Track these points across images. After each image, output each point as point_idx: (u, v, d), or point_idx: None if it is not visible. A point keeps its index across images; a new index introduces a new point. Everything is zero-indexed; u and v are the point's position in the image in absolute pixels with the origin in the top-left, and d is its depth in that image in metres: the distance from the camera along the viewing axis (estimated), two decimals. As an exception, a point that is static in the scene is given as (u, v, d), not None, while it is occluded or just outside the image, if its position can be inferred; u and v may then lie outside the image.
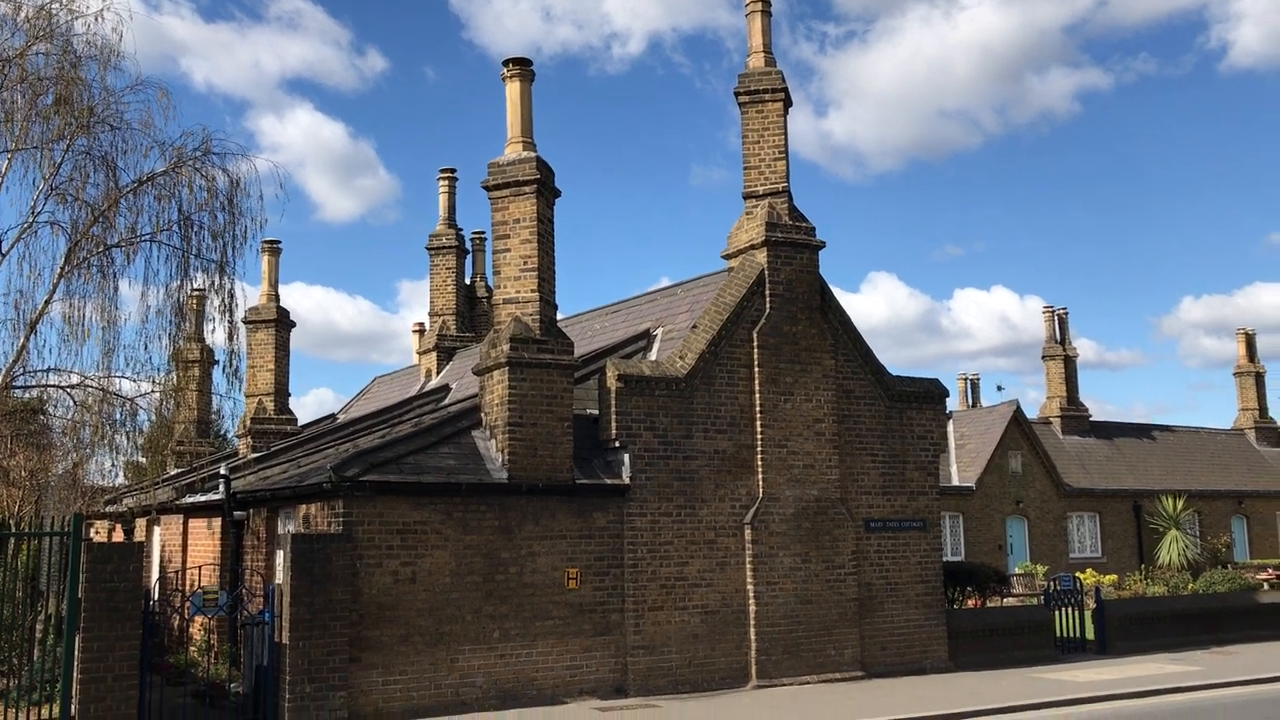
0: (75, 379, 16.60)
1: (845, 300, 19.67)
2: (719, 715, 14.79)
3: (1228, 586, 27.43)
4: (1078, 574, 26.74)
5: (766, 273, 18.26)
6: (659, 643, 16.62)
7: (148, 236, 16.93)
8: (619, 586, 16.46)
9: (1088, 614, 22.48)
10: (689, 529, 17.12)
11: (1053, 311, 43.25)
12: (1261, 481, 43.59)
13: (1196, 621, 23.18)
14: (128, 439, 17.50)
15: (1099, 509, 39.05)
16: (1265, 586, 30.57)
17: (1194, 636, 22.61)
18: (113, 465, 18.41)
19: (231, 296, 17.45)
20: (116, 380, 16.76)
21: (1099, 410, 55.27)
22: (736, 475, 17.64)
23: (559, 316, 17.83)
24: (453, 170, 30.01)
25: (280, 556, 14.44)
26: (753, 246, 18.54)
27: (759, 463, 17.77)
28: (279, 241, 25.01)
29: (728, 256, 19.26)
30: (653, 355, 19.48)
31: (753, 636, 17.29)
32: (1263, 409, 47.15)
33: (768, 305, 18.19)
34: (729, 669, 17.12)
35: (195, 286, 18.18)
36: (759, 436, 17.80)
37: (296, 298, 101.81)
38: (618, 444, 16.81)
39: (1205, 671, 18.67)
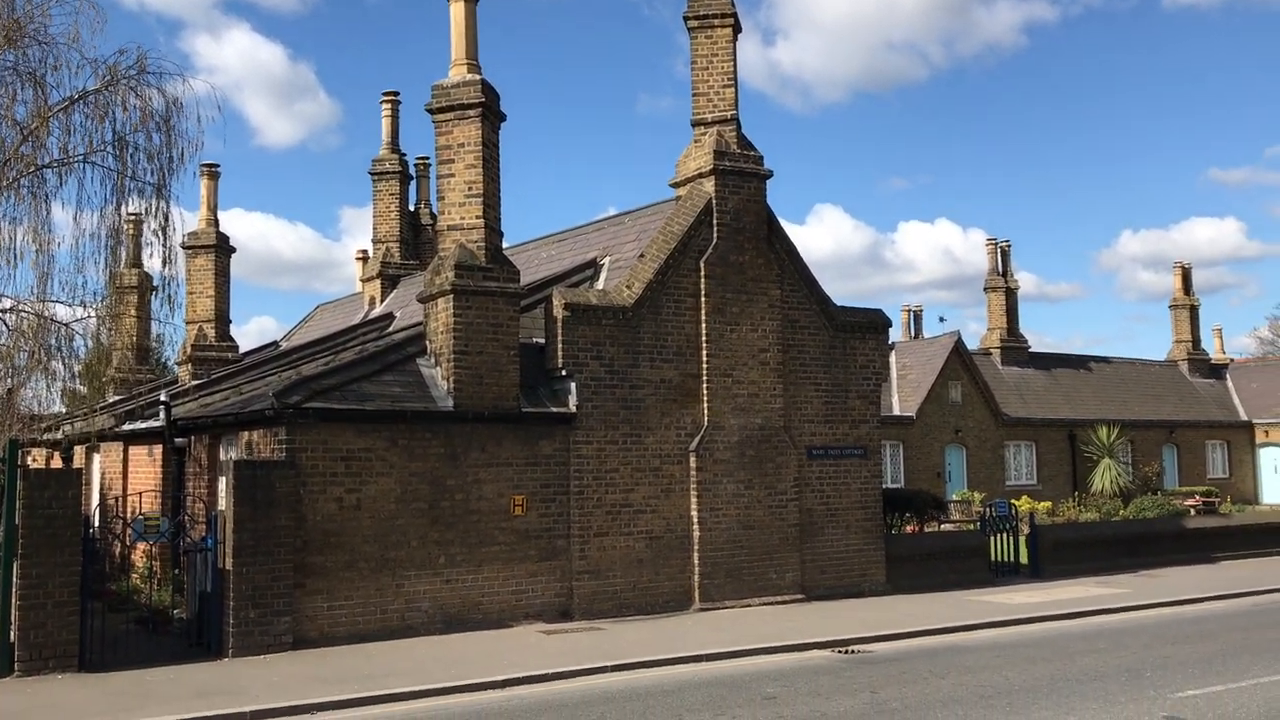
0: (8, 303, 16.20)
1: (791, 232, 19.75)
2: (661, 637, 15.06)
3: (1157, 513, 28.33)
4: (1013, 501, 27.40)
5: (714, 202, 18.22)
6: (604, 567, 16.84)
7: (81, 157, 16.41)
8: (565, 513, 16.60)
9: (1022, 539, 23.07)
10: (635, 456, 17.25)
11: (995, 244, 43.66)
12: (1192, 412, 44.79)
13: (1126, 546, 23.95)
14: (64, 365, 17.18)
15: (1035, 438, 39.94)
16: (1192, 513, 31.64)
17: (1123, 560, 23.38)
18: (49, 391, 18.08)
19: (168, 220, 17.01)
20: (52, 305, 16.37)
21: (1038, 342, 56.41)
22: (682, 404, 17.76)
23: (504, 244, 17.68)
24: (396, 94, 29.47)
25: (223, 483, 14.38)
26: (701, 175, 18.47)
27: (704, 391, 17.90)
28: (217, 165, 24.48)
29: (676, 185, 19.17)
30: (600, 284, 19.43)
31: (696, 561, 17.57)
32: (1196, 341, 48.24)
33: (715, 235, 18.18)
34: (673, 592, 17.40)
35: (131, 210, 17.69)
36: (705, 366, 17.91)
37: (236, 224, 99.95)
38: (564, 373, 16.83)
39: (1131, 594, 19.33)
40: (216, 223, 24.47)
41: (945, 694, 11.62)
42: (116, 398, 24.98)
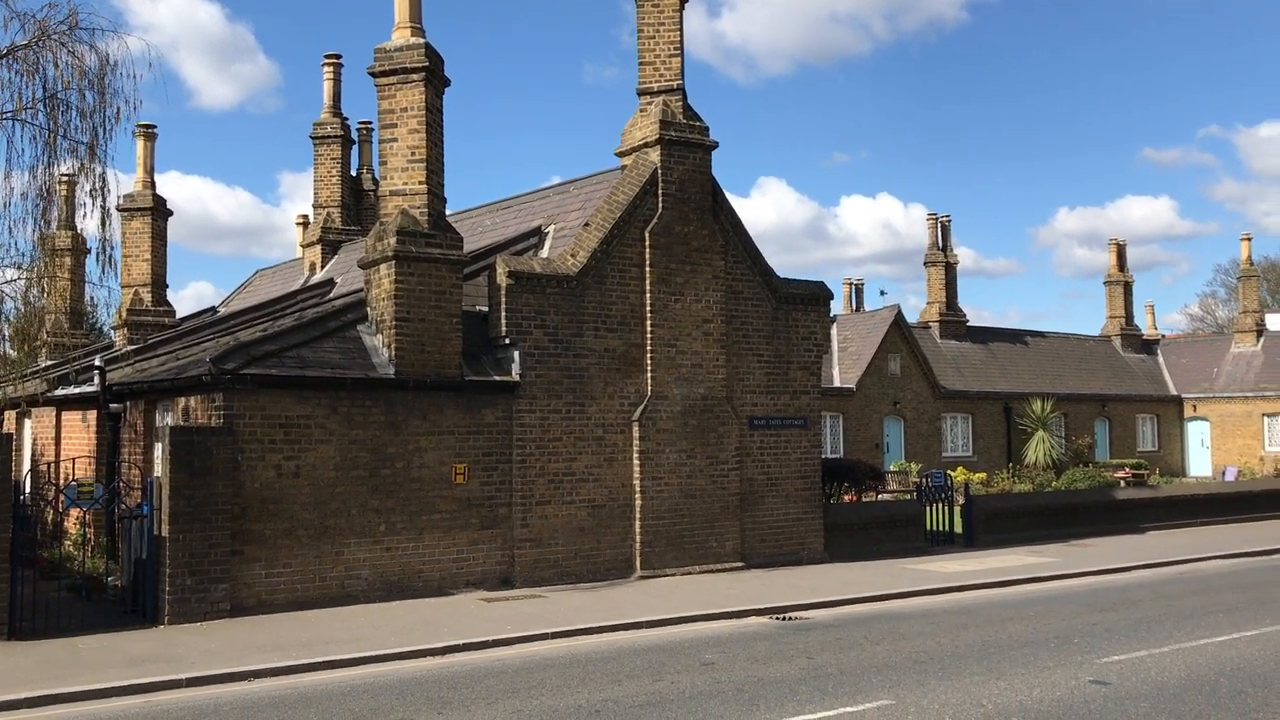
0: (-67, 264, 15.76)
1: (735, 204, 19.84)
2: (603, 604, 15.17)
3: (1088, 484, 29.01)
4: (949, 471, 27.86)
5: (660, 172, 18.21)
6: (546, 535, 16.89)
7: (9, 114, 15.94)
8: (507, 481, 16.61)
9: (957, 509, 23.50)
10: (578, 425, 17.29)
11: (935, 219, 44.09)
12: (1124, 386, 45.79)
13: (1057, 517, 24.50)
14: (-8, 328, 16.75)
15: (972, 410, 40.59)
16: (1122, 484, 32.43)
17: (1054, 531, 23.92)
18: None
19: (104, 181, 16.58)
20: (-20, 266, 15.96)
21: (976, 316, 56.99)
22: (626, 373, 17.81)
23: (448, 211, 17.54)
24: (338, 56, 28.95)
25: (159, 449, 14.18)
26: (646, 145, 18.44)
27: (648, 361, 17.96)
28: (154, 126, 23.91)
29: (621, 154, 19.13)
30: (544, 253, 19.36)
31: (638, 529, 17.68)
32: (1129, 317, 49.23)
33: (660, 205, 18.19)
34: (614, 560, 17.51)
35: (64, 171, 17.27)
36: (649, 336, 17.96)
37: (172, 187, 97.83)
38: (508, 341, 16.78)
39: (1062, 563, 19.80)
40: (153, 185, 23.95)
41: (880, 660, 11.85)
42: (49, 362, 24.44)
